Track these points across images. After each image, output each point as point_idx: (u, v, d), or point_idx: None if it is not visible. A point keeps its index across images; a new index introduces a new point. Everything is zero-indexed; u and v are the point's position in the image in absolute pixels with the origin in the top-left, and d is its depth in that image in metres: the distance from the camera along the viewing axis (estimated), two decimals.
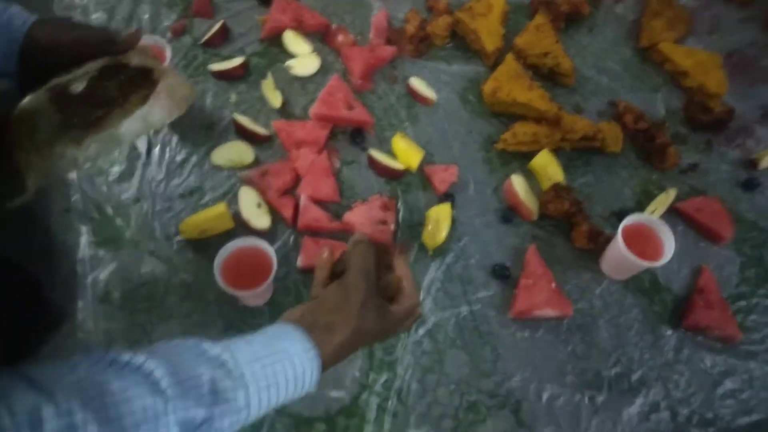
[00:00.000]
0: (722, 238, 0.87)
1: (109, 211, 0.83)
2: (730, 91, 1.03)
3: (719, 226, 0.87)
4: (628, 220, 0.78)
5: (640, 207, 0.90)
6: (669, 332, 0.80)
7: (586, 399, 0.75)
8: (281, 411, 0.71)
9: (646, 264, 0.75)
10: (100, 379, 0.40)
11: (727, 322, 0.79)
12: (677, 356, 0.79)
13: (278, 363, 0.48)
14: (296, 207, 0.84)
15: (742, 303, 0.84)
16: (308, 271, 0.80)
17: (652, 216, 0.79)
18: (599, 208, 0.90)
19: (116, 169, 0.87)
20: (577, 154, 0.94)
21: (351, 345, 0.54)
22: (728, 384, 0.78)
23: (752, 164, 0.95)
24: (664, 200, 0.89)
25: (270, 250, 0.72)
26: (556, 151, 0.93)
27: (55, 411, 0.37)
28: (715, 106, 0.98)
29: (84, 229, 0.82)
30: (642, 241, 0.78)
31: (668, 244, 0.77)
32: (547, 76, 1.01)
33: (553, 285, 0.80)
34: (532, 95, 0.91)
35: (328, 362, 0.52)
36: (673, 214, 0.90)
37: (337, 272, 0.60)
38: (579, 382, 0.76)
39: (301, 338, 0.50)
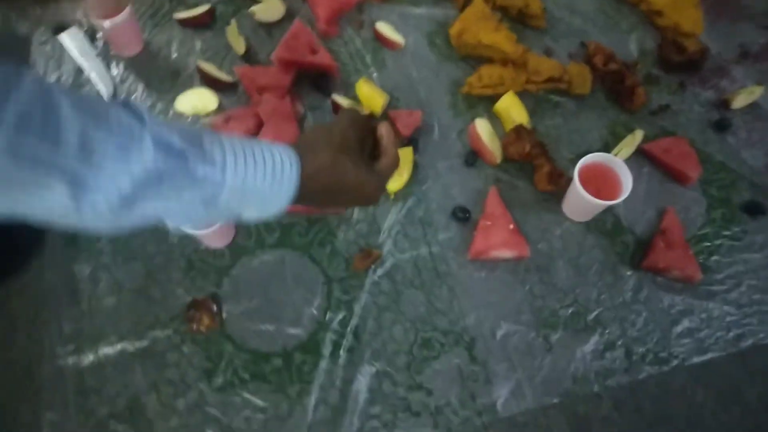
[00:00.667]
0: (689, 179, 0.86)
1: None
2: (708, 30, 1.00)
3: (686, 166, 0.86)
4: (585, 160, 0.77)
5: (607, 149, 0.89)
6: (629, 273, 0.81)
7: (541, 337, 0.76)
8: (240, 347, 0.74)
9: (601, 203, 0.75)
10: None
11: (688, 263, 0.79)
12: (636, 296, 0.79)
13: (256, 146, 0.46)
14: None
15: (706, 244, 0.83)
16: None
17: (610, 155, 0.78)
18: (566, 151, 0.89)
19: None
20: (545, 97, 0.93)
21: (330, 175, 0.51)
22: (685, 323, 0.78)
23: (725, 104, 0.93)
24: (630, 141, 0.88)
25: None
26: (523, 94, 0.92)
27: (33, 82, 0.36)
28: (689, 46, 0.95)
29: None
30: (600, 181, 0.78)
31: (626, 182, 0.77)
32: (517, 19, 0.99)
33: (511, 226, 0.80)
34: (498, 37, 0.89)
35: (306, 181, 0.49)
36: (640, 156, 0.89)
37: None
38: (534, 320, 0.77)
39: (283, 144, 0.49)
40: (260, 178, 0.45)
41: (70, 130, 0.36)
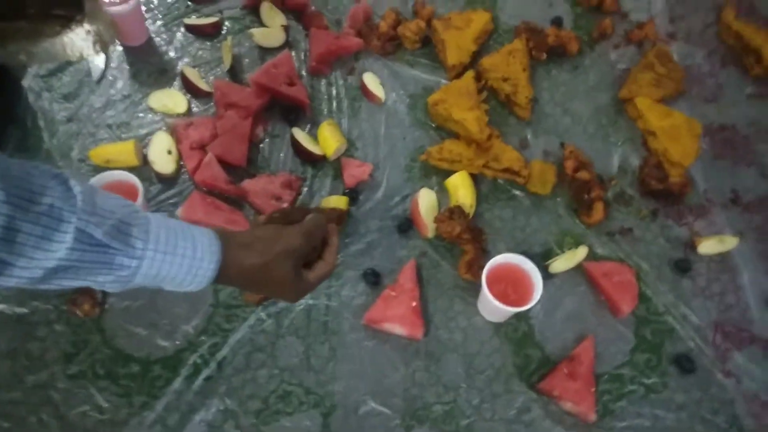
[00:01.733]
0: (621, 312, 0.80)
1: (41, 123, 0.90)
2: (704, 165, 0.95)
3: (622, 298, 0.80)
4: (497, 260, 0.74)
5: (548, 256, 0.84)
6: (521, 389, 0.75)
7: (403, 427, 0.72)
8: (107, 342, 0.74)
9: (501, 306, 0.71)
10: (29, 168, 0.44)
11: (584, 399, 0.73)
12: (519, 416, 0.74)
13: (182, 237, 0.51)
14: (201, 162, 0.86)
15: (617, 385, 0.77)
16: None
17: (523, 257, 0.74)
18: (503, 245, 0.85)
19: (64, 90, 0.93)
20: (503, 186, 0.90)
21: (257, 275, 0.55)
22: None
23: (692, 246, 0.87)
24: (570, 256, 0.83)
25: (138, 183, 0.75)
26: (483, 179, 0.89)
27: None
28: (672, 176, 0.90)
29: (11, 132, 0.88)
30: (512, 284, 0.74)
31: (537, 290, 0.72)
32: (504, 104, 0.97)
33: (414, 304, 0.77)
34: (468, 115, 0.88)
35: (229, 272, 0.54)
36: (579, 273, 0.84)
37: (276, 219, 0.62)
38: (404, 407, 0.73)
39: (210, 236, 0.53)
40: (175, 270, 0.50)
41: None
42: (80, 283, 0.48)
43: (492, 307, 0.74)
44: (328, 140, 0.89)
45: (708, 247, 0.86)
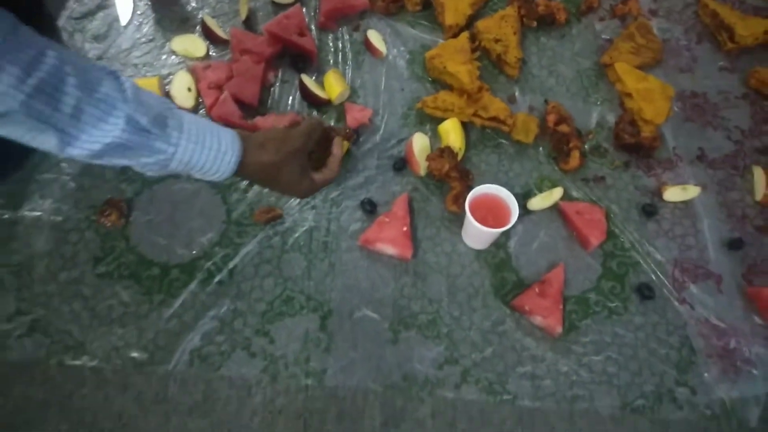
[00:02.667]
0: (590, 245, 0.89)
1: None
2: (674, 125, 1.04)
3: (591, 232, 0.89)
4: (477, 190, 0.83)
5: (528, 196, 0.94)
6: (497, 305, 0.85)
7: (391, 331, 0.81)
8: (131, 248, 0.83)
9: (484, 229, 0.80)
10: (89, 64, 0.54)
11: (552, 313, 0.82)
12: (494, 328, 0.83)
13: (209, 133, 0.61)
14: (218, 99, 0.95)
15: (584, 306, 0.86)
16: None
17: (502, 187, 0.83)
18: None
19: (95, 31, 1.02)
20: (491, 135, 0.99)
21: (270, 172, 0.68)
22: (530, 367, 0.81)
23: (659, 193, 0.96)
24: (548, 195, 0.92)
25: None
26: (472, 127, 0.99)
27: (54, 56, 0.50)
28: (644, 131, 0.99)
29: None
30: (492, 211, 0.83)
31: (514, 213, 0.82)
32: (495, 63, 1.07)
33: (405, 228, 0.86)
34: (462, 68, 0.97)
35: (248, 168, 0.66)
36: (555, 212, 0.93)
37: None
38: (392, 315, 0.82)
39: (233, 134, 0.64)
40: (203, 159, 0.62)
41: (68, 101, 0.51)
42: (127, 162, 0.58)
43: (474, 231, 0.83)
44: (333, 86, 0.98)
45: (672, 194, 0.95)
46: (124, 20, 1.04)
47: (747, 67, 1.11)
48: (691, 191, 0.96)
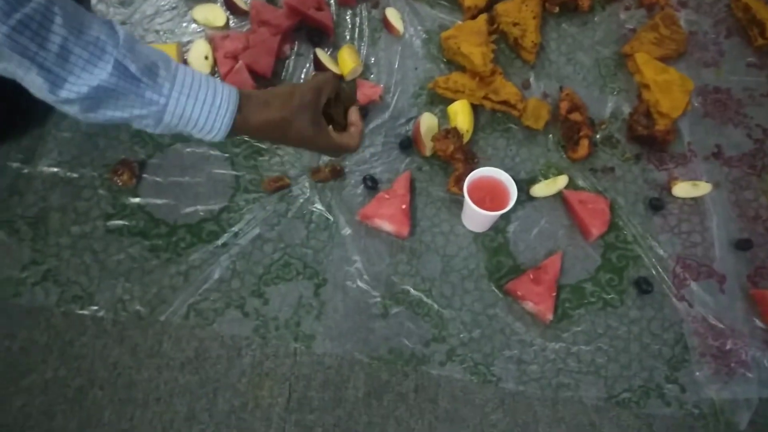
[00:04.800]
0: (591, 235, 0.89)
1: None
2: (692, 120, 1.02)
3: (592, 222, 0.89)
4: (476, 173, 0.83)
5: (533, 182, 0.93)
6: (490, 288, 0.85)
7: (382, 305, 0.83)
8: (141, 207, 0.87)
9: (479, 211, 0.81)
10: (84, 11, 0.54)
11: (544, 300, 0.83)
12: (485, 310, 0.84)
13: (204, 86, 0.60)
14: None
15: (578, 296, 0.86)
16: None
17: (501, 170, 0.83)
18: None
19: None
20: (501, 118, 0.99)
21: (278, 129, 0.66)
22: (518, 351, 0.82)
23: (668, 187, 0.95)
24: (552, 183, 0.92)
25: None
26: (482, 110, 0.98)
27: None
28: (659, 124, 0.97)
29: None
30: (491, 194, 0.84)
31: (512, 197, 0.82)
32: (512, 47, 1.06)
33: (404, 206, 0.87)
34: (476, 50, 0.97)
35: (253, 126, 0.64)
36: (559, 200, 0.93)
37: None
38: (385, 290, 0.84)
39: (231, 89, 0.62)
40: (197, 113, 0.60)
41: (55, 40, 0.52)
42: (120, 115, 0.57)
43: (471, 213, 0.84)
44: (346, 61, 0.99)
45: (682, 189, 0.93)
46: None
47: None
48: (702, 188, 0.94)
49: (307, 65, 1.02)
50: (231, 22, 1.05)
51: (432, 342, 0.81)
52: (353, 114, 0.76)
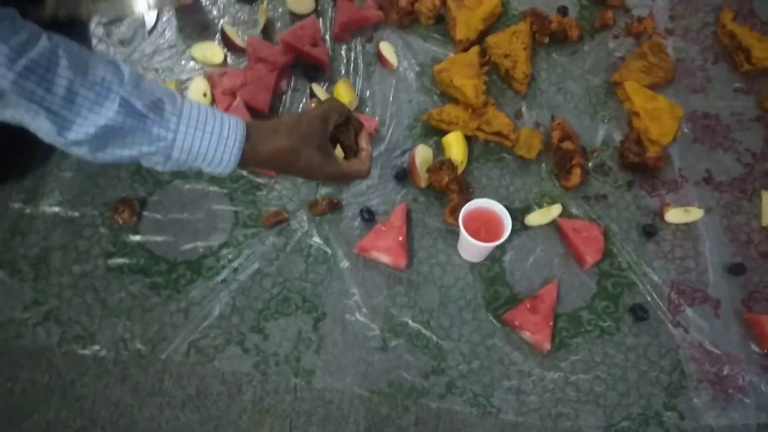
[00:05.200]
0: (586, 263, 0.90)
1: None
2: (683, 146, 1.04)
3: (587, 250, 0.90)
4: (471, 204, 0.85)
5: (527, 211, 0.95)
6: (487, 318, 0.86)
7: (381, 338, 0.84)
8: (142, 245, 0.88)
9: (474, 242, 0.82)
10: (88, 52, 0.55)
11: (541, 330, 0.84)
12: (484, 341, 0.85)
13: (211, 119, 0.60)
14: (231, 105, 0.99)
15: (575, 324, 0.87)
16: None
17: (496, 202, 0.85)
18: (486, 198, 0.96)
19: (121, 36, 1.08)
20: (494, 149, 1.01)
21: (286, 158, 0.65)
22: (517, 382, 0.82)
23: (660, 213, 0.96)
24: (546, 212, 0.93)
25: None
26: (475, 141, 1.00)
27: (47, 40, 0.52)
28: (650, 152, 0.99)
29: None
30: (485, 225, 0.85)
31: (507, 228, 0.83)
32: (504, 78, 1.08)
33: (401, 238, 0.89)
34: (468, 83, 0.99)
35: (261, 155, 0.64)
36: (553, 228, 0.94)
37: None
38: (383, 322, 0.85)
39: (237, 120, 0.62)
40: (205, 146, 0.60)
41: (61, 83, 0.53)
42: (129, 153, 0.58)
43: (467, 244, 0.85)
44: (342, 95, 1.01)
45: (674, 215, 0.95)
46: (148, 27, 1.09)
47: (763, 90, 1.10)
48: (694, 213, 0.95)
49: (304, 100, 1.04)
50: (228, 59, 1.07)
51: (431, 374, 0.82)
52: (363, 139, 0.76)
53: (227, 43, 1.07)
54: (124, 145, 0.57)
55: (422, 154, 0.97)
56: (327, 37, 1.11)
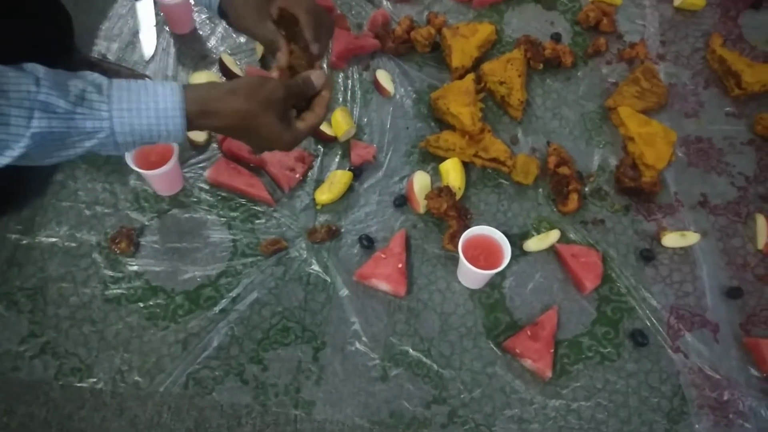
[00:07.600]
0: (585, 288, 0.90)
1: None
2: (678, 170, 1.05)
3: (586, 276, 0.90)
4: (471, 232, 0.85)
5: (525, 237, 0.95)
6: (488, 346, 0.86)
7: (381, 367, 0.83)
8: (139, 275, 0.87)
9: (473, 269, 0.82)
10: (6, 69, 0.52)
11: (542, 357, 0.83)
12: (485, 369, 0.84)
13: (144, 95, 0.56)
14: None
15: (576, 351, 0.87)
16: (214, 185, 0.96)
17: (495, 229, 0.85)
18: (486, 225, 0.96)
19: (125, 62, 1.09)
20: (491, 175, 1.01)
21: (244, 123, 0.61)
22: (518, 410, 0.82)
23: (657, 238, 0.97)
24: (544, 237, 0.94)
25: (175, 146, 0.89)
26: (473, 167, 1.01)
27: None
28: (645, 176, 1.00)
29: None
30: (485, 252, 0.85)
31: (506, 255, 0.83)
32: (499, 104, 1.09)
33: (400, 266, 0.89)
34: (464, 110, 1.00)
35: (216, 117, 0.60)
36: (552, 254, 0.94)
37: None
38: (383, 351, 0.84)
39: (173, 88, 0.58)
40: (145, 123, 0.57)
41: None
42: (73, 152, 0.56)
43: (467, 271, 0.85)
44: (339, 123, 1.02)
45: (671, 240, 0.95)
46: (147, 56, 1.10)
47: (754, 113, 1.11)
48: (690, 238, 0.96)
49: None
50: None
51: (432, 404, 0.81)
52: (326, 87, 0.69)
53: (225, 72, 1.08)
54: (66, 146, 0.55)
55: (420, 180, 0.97)
56: (324, 65, 1.12)
